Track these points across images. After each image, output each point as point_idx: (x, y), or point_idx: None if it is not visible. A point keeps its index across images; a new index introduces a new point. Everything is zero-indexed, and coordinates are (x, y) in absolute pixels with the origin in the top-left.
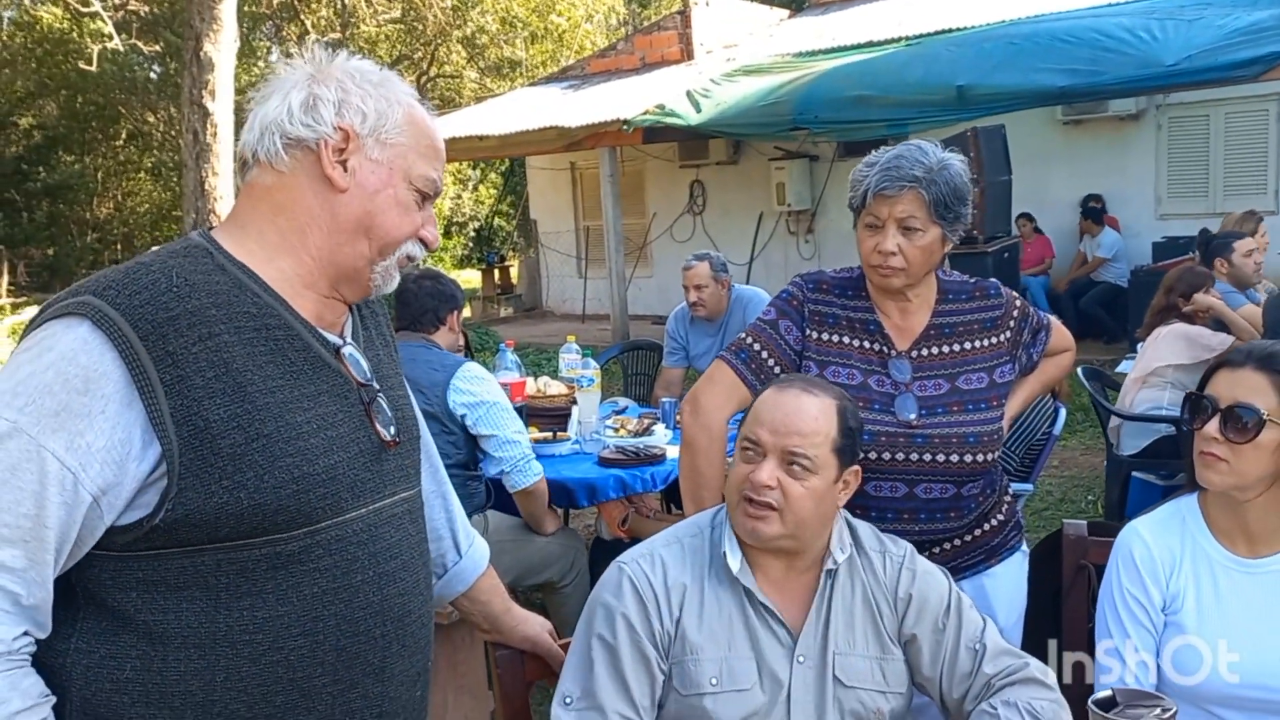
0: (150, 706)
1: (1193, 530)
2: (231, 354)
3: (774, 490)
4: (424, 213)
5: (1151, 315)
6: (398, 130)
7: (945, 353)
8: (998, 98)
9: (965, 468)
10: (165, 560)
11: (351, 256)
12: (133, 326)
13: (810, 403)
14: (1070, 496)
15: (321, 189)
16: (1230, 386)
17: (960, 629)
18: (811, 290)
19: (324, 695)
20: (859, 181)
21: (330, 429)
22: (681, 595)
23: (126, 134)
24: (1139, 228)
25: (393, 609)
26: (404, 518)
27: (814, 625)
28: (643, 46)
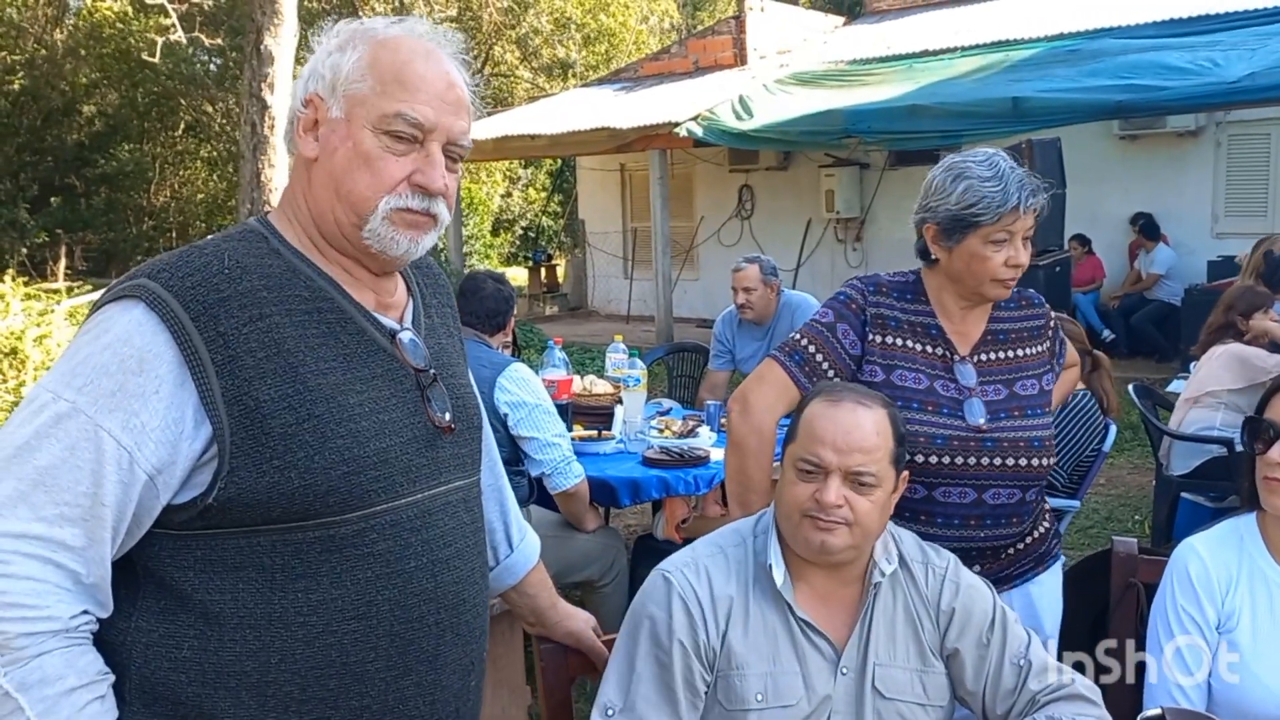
0: (206, 686)
1: (1250, 550)
2: (283, 335)
3: (843, 508)
4: (412, 156)
5: (1208, 333)
6: (356, 78)
7: (1002, 359)
8: (1054, 110)
9: (1032, 471)
10: (221, 540)
11: (332, 224)
12: (185, 308)
13: (867, 417)
14: (1117, 515)
15: (303, 163)
16: None
17: (1005, 644)
18: (872, 293)
19: (376, 680)
20: (989, 196)
21: (383, 413)
22: (729, 608)
23: (185, 124)
24: (1194, 245)
25: (447, 596)
26: (459, 505)
27: (857, 637)
28: (696, 50)
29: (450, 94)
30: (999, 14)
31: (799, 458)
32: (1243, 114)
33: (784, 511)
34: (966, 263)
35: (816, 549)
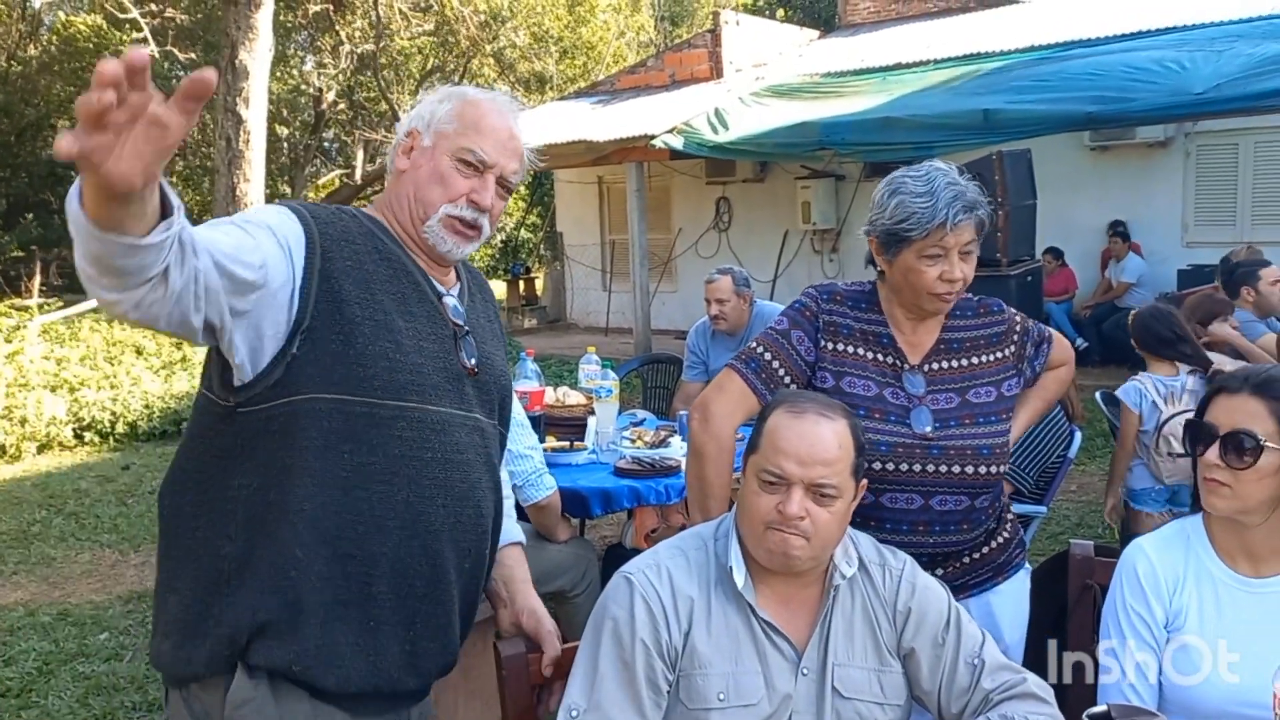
0: (282, 525)
1: (1197, 549)
2: (362, 261)
3: (805, 521)
4: (472, 181)
5: None
6: (445, 121)
7: (955, 367)
8: (1024, 122)
9: (979, 479)
10: (296, 405)
11: (407, 217)
12: (311, 216)
13: (829, 429)
14: (1087, 521)
15: (396, 174)
16: (1229, 413)
17: (959, 643)
18: (825, 301)
19: (392, 534)
20: (919, 212)
21: (423, 341)
22: (690, 608)
23: None
24: (1165, 254)
25: (455, 489)
26: (475, 433)
27: (817, 638)
28: (672, 63)
29: (510, 143)
30: (971, 27)
31: (762, 469)
32: (1211, 124)
33: (746, 521)
34: (904, 276)
35: (779, 560)
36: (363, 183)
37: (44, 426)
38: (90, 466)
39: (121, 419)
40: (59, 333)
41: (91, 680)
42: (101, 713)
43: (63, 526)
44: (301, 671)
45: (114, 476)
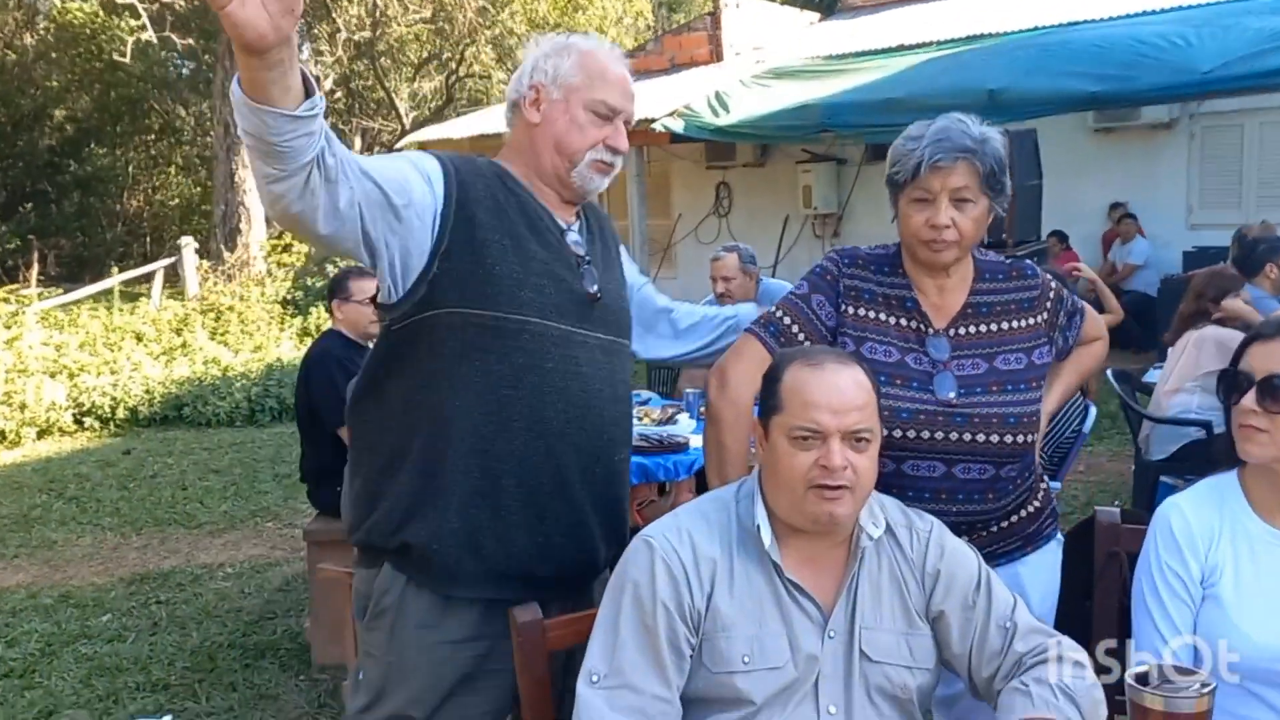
0: (429, 423)
1: (1232, 505)
2: (494, 192)
3: (847, 470)
4: (608, 128)
5: (1180, 320)
6: (571, 74)
7: (983, 332)
8: (1029, 102)
9: (1005, 448)
10: (437, 319)
11: (551, 166)
12: (445, 156)
13: (849, 374)
14: (1096, 501)
15: (527, 127)
16: (1264, 359)
17: (990, 607)
18: (847, 265)
19: (518, 436)
20: (905, 154)
21: (547, 264)
22: (712, 570)
23: (158, 128)
24: (1169, 237)
25: (575, 398)
26: (596, 349)
27: (844, 601)
28: (672, 47)
29: (628, 88)
30: (973, 8)
31: (793, 426)
32: (1215, 105)
33: (784, 484)
34: (902, 224)
35: (826, 521)
36: None
37: (44, 412)
38: (91, 451)
39: (122, 404)
40: (57, 319)
41: (95, 661)
42: (105, 693)
43: (63, 510)
44: (441, 550)
45: (115, 461)
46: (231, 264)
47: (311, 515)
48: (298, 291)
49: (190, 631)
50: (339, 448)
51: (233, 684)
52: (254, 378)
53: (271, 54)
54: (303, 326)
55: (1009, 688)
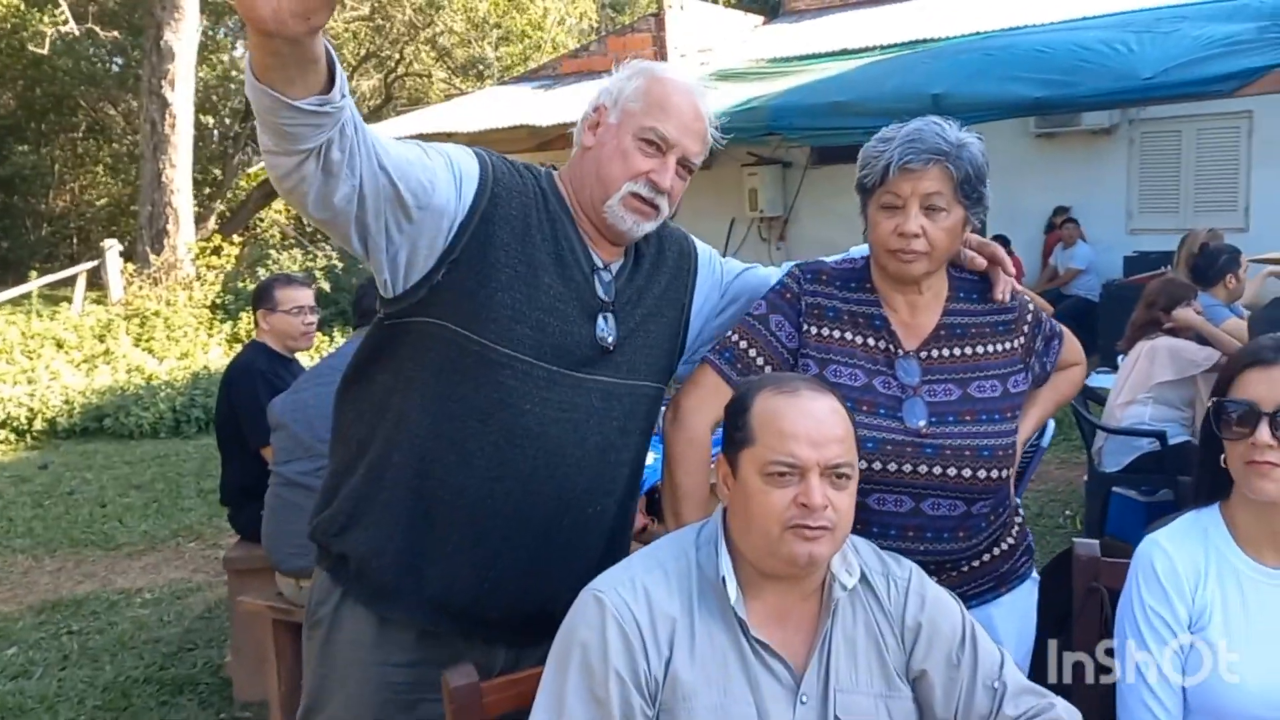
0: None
1: (1216, 541)
2: (528, 214)
3: (828, 509)
4: (655, 160)
5: (1133, 330)
6: (633, 98)
7: (957, 355)
8: (973, 107)
9: (977, 483)
10: (429, 326)
11: (590, 194)
12: (491, 162)
13: (826, 402)
14: (1048, 511)
15: (583, 149)
16: (1271, 387)
17: (976, 664)
18: (809, 281)
19: (476, 472)
20: (874, 157)
21: (561, 303)
22: (671, 630)
23: (85, 126)
24: (1110, 241)
25: (550, 443)
26: (594, 395)
27: (817, 660)
28: (616, 48)
29: (695, 124)
30: (917, 13)
31: (768, 461)
32: (1154, 112)
33: (757, 526)
34: (870, 232)
35: (805, 562)
36: None
37: None
38: (4, 466)
39: (39, 415)
40: None
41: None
42: None
43: None
44: (380, 567)
45: (30, 476)
46: (158, 267)
47: (235, 538)
48: (227, 296)
49: (104, 665)
50: (262, 468)
51: None
52: (180, 386)
53: (273, 43)
54: (232, 332)
55: None
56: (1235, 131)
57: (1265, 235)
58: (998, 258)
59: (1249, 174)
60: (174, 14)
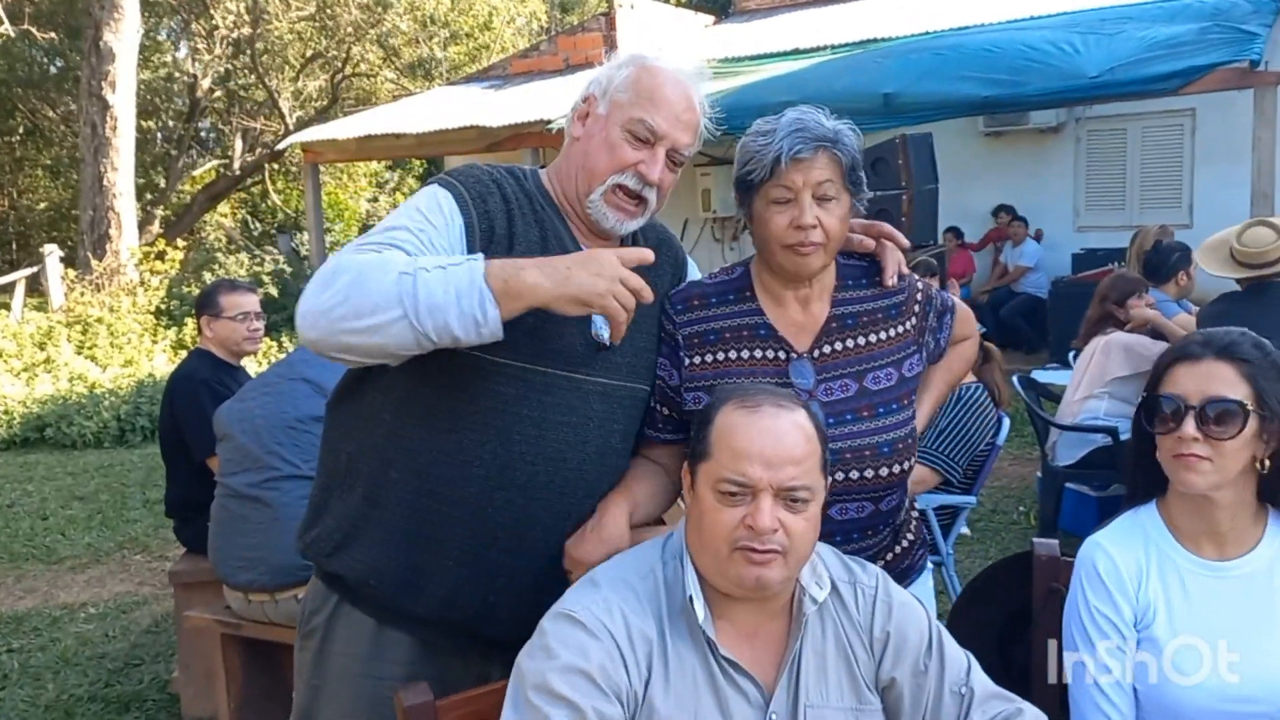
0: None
1: (1156, 539)
2: (513, 223)
3: (778, 533)
4: (642, 152)
5: (1087, 326)
6: (622, 89)
7: (850, 348)
8: (923, 107)
9: (881, 481)
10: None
11: (575, 188)
12: (469, 193)
13: (791, 421)
14: (1002, 508)
15: (571, 140)
16: (1198, 381)
17: (943, 670)
18: (680, 311)
19: (475, 483)
20: (759, 150)
21: None
22: (649, 651)
23: (23, 130)
24: (1058, 239)
25: (549, 448)
26: (594, 397)
27: (786, 677)
28: (566, 48)
29: (685, 115)
30: (867, 13)
31: (720, 479)
32: (1101, 110)
33: (706, 544)
34: (759, 230)
35: (751, 586)
36: (241, 173)
37: None
38: None
39: None
40: None
41: None
42: None
43: None
44: (378, 586)
45: None
46: (100, 272)
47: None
48: (172, 301)
49: (46, 683)
50: (207, 479)
51: None
52: (124, 394)
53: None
54: (178, 338)
55: None
56: (1179, 129)
57: (1208, 231)
58: (886, 233)
59: (1192, 171)
60: (113, 14)
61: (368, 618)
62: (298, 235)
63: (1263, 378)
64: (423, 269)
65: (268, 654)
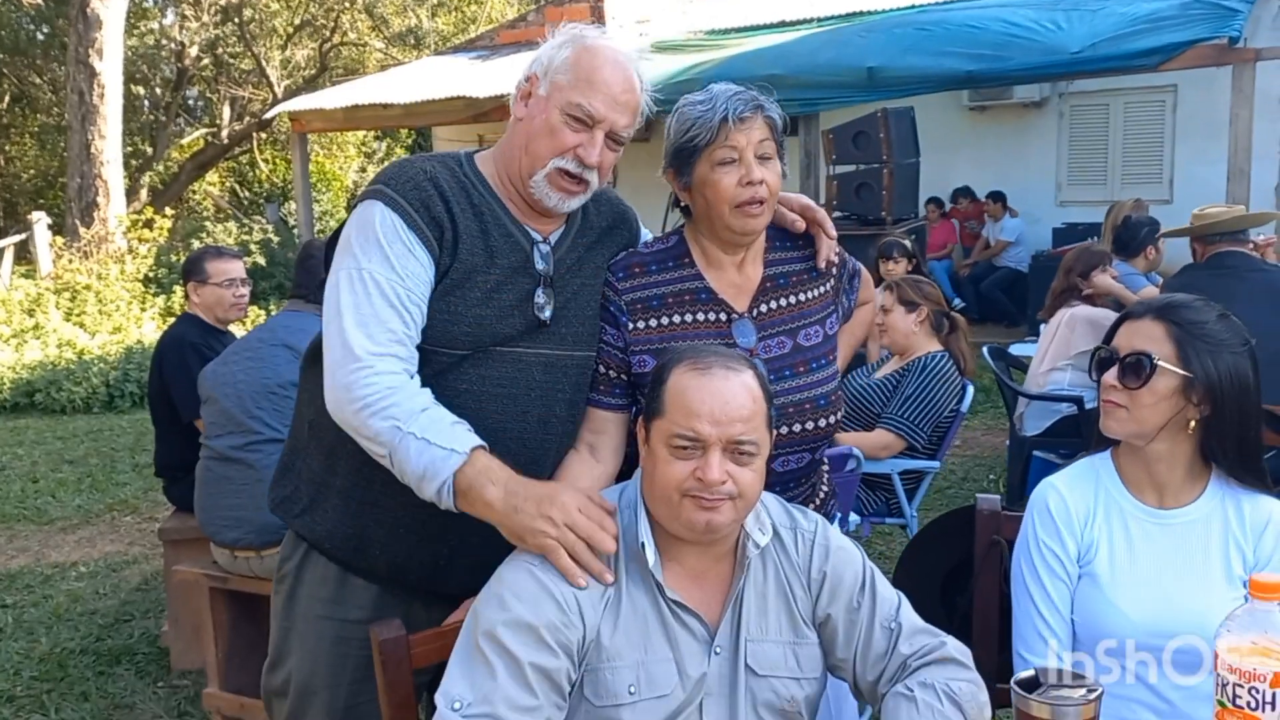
0: None
1: (1106, 484)
2: (456, 219)
3: (727, 484)
4: (581, 135)
5: (1053, 298)
6: (561, 71)
7: (784, 306)
8: (906, 81)
9: (819, 433)
10: (426, 352)
11: (519, 167)
12: (407, 201)
13: (739, 382)
14: (973, 475)
15: (515, 120)
16: (1129, 336)
17: (875, 607)
18: (621, 278)
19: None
20: (701, 116)
21: (496, 292)
22: (598, 594)
23: (10, 96)
24: (1040, 214)
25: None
26: (535, 368)
27: (730, 614)
28: (554, 18)
29: (624, 96)
30: None
31: (673, 434)
32: (1084, 85)
33: (659, 493)
34: (704, 198)
35: (701, 529)
36: (229, 142)
37: None
38: None
39: None
40: None
41: None
42: None
43: None
44: (332, 549)
45: None
46: (88, 240)
47: (170, 510)
48: (160, 269)
49: (39, 637)
50: (195, 439)
51: (85, 693)
52: (113, 361)
53: None
54: (166, 306)
55: (893, 692)
56: (1160, 105)
57: (1189, 207)
58: (819, 221)
59: (1173, 147)
60: None
61: (332, 564)
62: (285, 204)
63: (1189, 343)
64: (411, 434)
65: (254, 606)
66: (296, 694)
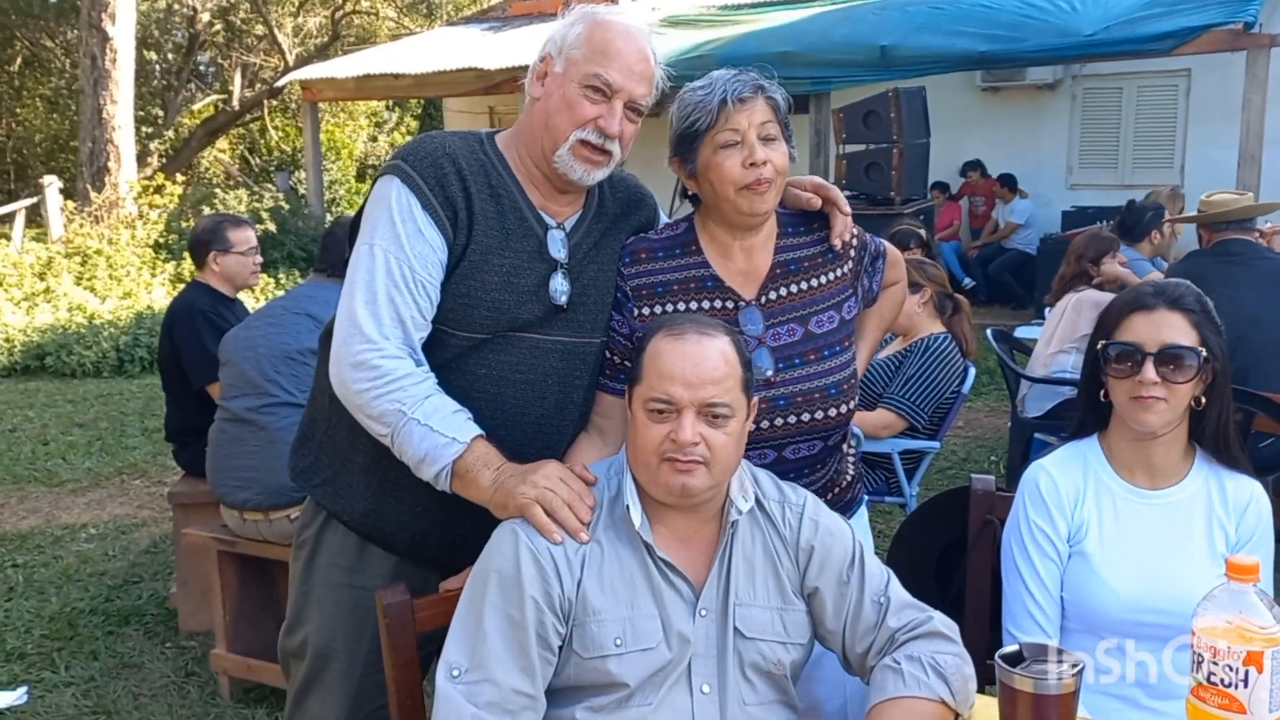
0: None
1: (1095, 466)
2: (471, 201)
3: (699, 446)
4: (600, 107)
5: (1060, 282)
6: (575, 45)
7: (794, 293)
8: (920, 60)
9: (830, 422)
10: (446, 335)
11: (540, 147)
12: (422, 179)
13: (713, 346)
14: (974, 456)
15: (531, 101)
16: (1153, 329)
17: (864, 582)
18: (628, 264)
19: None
20: (701, 100)
21: (514, 276)
22: (582, 555)
23: (22, 59)
24: (1050, 196)
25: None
26: (552, 354)
27: (716, 577)
28: None
29: (639, 66)
30: None
31: (648, 398)
32: (1097, 68)
33: (639, 457)
34: (710, 182)
35: (677, 492)
36: (240, 109)
37: None
38: None
39: None
40: None
41: None
42: None
43: None
44: (351, 523)
45: None
46: (99, 205)
47: (180, 474)
48: (171, 235)
49: (49, 597)
50: (205, 405)
51: (94, 652)
52: (123, 326)
53: None
54: (176, 272)
55: (881, 664)
56: (1174, 90)
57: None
58: (833, 199)
59: (1186, 131)
60: None
61: (352, 533)
62: (296, 173)
63: (1205, 326)
64: (415, 419)
65: (261, 570)
66: (314, 656)
